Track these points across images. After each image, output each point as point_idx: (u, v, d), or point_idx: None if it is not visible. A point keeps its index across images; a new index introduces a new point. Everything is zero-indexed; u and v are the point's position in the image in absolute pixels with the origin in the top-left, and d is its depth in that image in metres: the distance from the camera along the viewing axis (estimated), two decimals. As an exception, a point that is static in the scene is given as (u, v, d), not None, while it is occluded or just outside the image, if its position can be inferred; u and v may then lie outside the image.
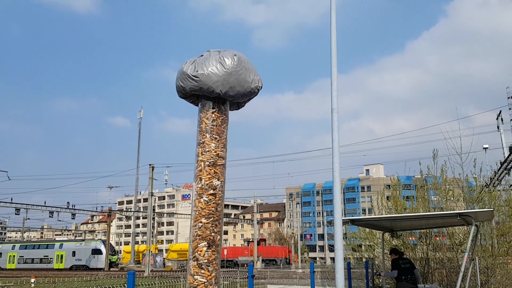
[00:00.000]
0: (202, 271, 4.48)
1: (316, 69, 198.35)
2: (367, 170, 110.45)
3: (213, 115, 4.86)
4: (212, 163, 4.74)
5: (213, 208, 4.64)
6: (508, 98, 57.62)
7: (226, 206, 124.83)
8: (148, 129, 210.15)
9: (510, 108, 57.63)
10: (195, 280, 4.47)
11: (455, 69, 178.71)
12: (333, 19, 9.47)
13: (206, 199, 4.63)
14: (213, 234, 4.57)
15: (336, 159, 8.47)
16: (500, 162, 48.81)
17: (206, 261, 4.50)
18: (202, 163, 4.74)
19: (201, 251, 4.51)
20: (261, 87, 4.96)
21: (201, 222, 4.59)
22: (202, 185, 4.68)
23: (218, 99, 4.87)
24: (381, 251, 14.96)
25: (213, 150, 4.76)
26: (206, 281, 4.46)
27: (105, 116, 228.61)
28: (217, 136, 4.82)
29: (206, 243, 4.53)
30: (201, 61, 4.74)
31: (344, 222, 10.90)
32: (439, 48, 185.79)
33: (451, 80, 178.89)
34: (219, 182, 4.73)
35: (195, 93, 4.85)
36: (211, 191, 4.67)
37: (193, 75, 4.68)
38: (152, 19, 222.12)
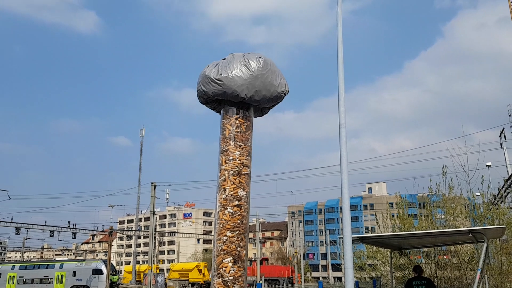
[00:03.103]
0: (228, 289, 4.13)
1: (316, 88, 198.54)
2: (370, 188, 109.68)
3: (237, 121, 4.53)
4: (236, 172, 4.40)
5: (239, 221, 4.29)
6: (510, 115, 57.62)
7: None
8: (149, 148, 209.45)
9: (511, 126, 57.60)
10: (220, 298, 4.12)
11: (454, 88, 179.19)
12: (340, 36, 9.38)
13: (231, 210, 4.29)
14: (238, 248, 4.22)
15: (344, 175, 8.35)
16: (504, 179, 48.55)
17: (232, 278, 4.15)
18: (226, 172, 4.41)
19: (226, 267, 4.16)
20: (288, 91, 4.64)
21: (225, 235, 4.24)
22: (226, 195, 4.34)
23: (242, 104, 4.54)
24: (389, 270, 14.67)
25: (237, 158, 4.43)
26: (232, 299, 4.11)
27: (107, 136, 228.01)
28: (241, 144, 4.48)
29: (231, 258, 4.18)
30: (225, 64, 4.42)
31: (354, 240, 10.62)
32: (437, 68, 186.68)
33: (451, 99, 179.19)
34: (244, 193, 4.38)
35: (218, 98, 4.54)
36: (236, 202, 4.32)
37: (216, 79, 4.36)
38: (154, 40, 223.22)
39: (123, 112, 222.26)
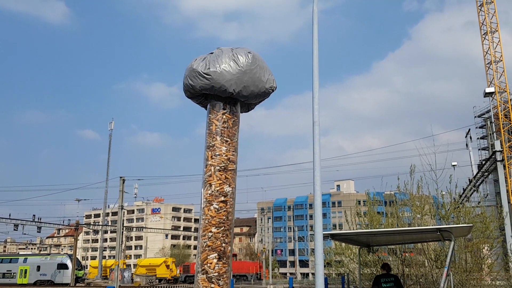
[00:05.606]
0: (212, 285, 4.08)
1: (286, 86, 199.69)
2: (338, 186, 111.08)
3: (224, 117, 4.48)
4: (223, 167, 4.36)
5: (224, 217, 4.26)
6: (475, 117, 59.16)
7: (196, 220, 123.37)
8: (118, 142, 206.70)
9: (477, 127, 59.14)
10: (204, 295, 4.07)
11: (420, 89, 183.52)
12: (315, 34, 9.40)
13: (217, 206, 4.25)
14: (224, 244, 4.19)
15: (317, 172, 8.58)
16: (469, 179, 49.87)
17: (216, 274, 4.12)
18: (212, 167, 4.36)
19: (211, 263, 4.13)
20: (276, 87, 4.62)
21: (211, 231, 4.20)
22: (212, 191, 4.30)
23: (229, 99, 4.50)
24: (356, 267, 14.87)
25: (224, 154, 4.39)
26: (216, 296, 4.07)
27: (74, 128, 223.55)
28: (228, 139, 4.45)
29: (216, 254, 4.15)
30: (213, 58, 4.36)
31: (325, 237, 10.76)
32: (404, 69, 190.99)
33: (417, 99, 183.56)
34: (230, 189, 4.36)
35: (205, 93, 4.48)
36: (222, 198, 4.29)
37: (204, 73, 4.30)
38: (125, 33, 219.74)
39: (91, 104, 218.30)
